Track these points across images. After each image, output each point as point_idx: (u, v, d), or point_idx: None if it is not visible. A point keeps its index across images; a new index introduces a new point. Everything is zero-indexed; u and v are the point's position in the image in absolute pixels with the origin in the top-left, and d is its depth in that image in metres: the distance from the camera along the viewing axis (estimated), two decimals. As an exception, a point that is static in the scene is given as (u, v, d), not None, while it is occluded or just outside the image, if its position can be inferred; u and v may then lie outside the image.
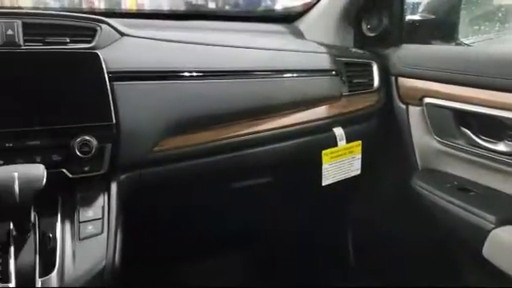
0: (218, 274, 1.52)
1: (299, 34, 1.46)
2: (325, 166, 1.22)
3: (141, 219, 1.06)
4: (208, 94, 1.06)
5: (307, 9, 1.51)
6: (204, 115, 1.05)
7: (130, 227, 0.96)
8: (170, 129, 1.01)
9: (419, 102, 1.24)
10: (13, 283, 0.78)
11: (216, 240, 1.49)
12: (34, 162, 0.86)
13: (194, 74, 1.06)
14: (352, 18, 1.44)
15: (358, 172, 1.29)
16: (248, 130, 1.12)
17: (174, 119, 1.01)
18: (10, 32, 0.91)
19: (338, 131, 1.24)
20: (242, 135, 1.11)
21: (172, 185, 1.12)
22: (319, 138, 1.23)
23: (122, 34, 1.04)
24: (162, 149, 1.01)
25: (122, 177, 0.98)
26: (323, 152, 1.21)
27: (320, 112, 1.22)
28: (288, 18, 1.54)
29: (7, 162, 0.84)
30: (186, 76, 1.05)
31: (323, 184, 1.23)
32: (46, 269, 0.81)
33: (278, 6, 2.00)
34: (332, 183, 1.25)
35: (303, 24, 1.49)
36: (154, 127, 0.99)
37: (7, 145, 0.85)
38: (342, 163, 1.25)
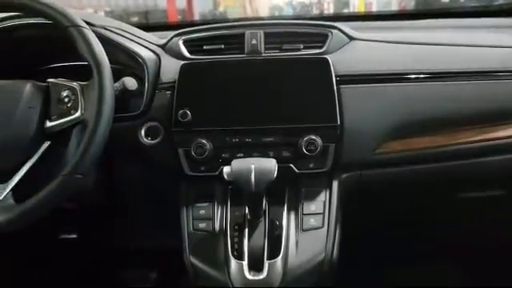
0: (426, 281, 1.43)
1: None
2: None
3: (357, 219, 1.08)
4: (436, 96, 1.01)
5: None
6: (430, 119, 1.00)
7: (346, 225, 0.99)
8: (393, 132, 1.00)
9: None
10: (245, 261, 0.90)
11: (428, 247, 1.41)
12: (268, 156, 0.95)
13: (422, 75, 1.02)
14: None
15: None
16: (480, 136, 1.02)
17: (398, 122, 0.99)
18: (253, 41, 1.03)
19: None
20: (472, 142, 1.02)
21: (391, 188, 1.11)
22: None
23: (351, 38, 1.06)
24: (383, 151, 1.01)
25: (343, 176, 1.01)
26: None
27: None
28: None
29: (246, 155, 0.96)
30: (412, 78, 1.01)
31: None
32: (272, 253, 0.90)
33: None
34: None
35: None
36: (377, 129, 0.99)
37: (247, 140, 0.97)
38: None
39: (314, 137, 0.95)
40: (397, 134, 1.00)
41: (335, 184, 0.99)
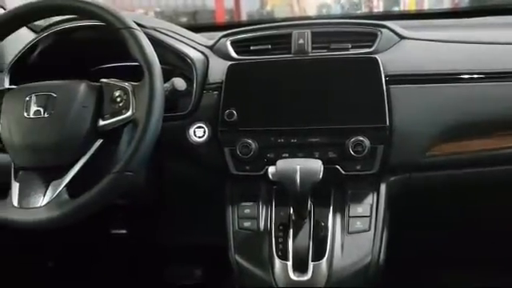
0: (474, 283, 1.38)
1: None
2: None
3: (404, 221, 1.05)
4: (490, 97, 0.97)
5: None
6: (485, 121, 0.97)
7: (394, 228, 0.97)
8: (444, 134, 0.96)
9: None
10: (290, 262, 0.89)
11: (479, 249, 1.35)
12: (313, 157, 0.95)
13: (475, 76, 0.98)
14: None
15: None
16: None
17: (450, 124, 0.96)
18: (301, 41, 1.03)
19: None
20: None
21: (441, 191, 1.07)
22: None
23: (401, 37, 1.04)
24: (434, 154, 0.98)
25: (392, 178, 0.99)
26: None
27: None
28: None
29: (291, 156, 0.96)
30: (465, 78, 0.98)
31: None
32: (317, 254, 0.89)
33: None
34: None
35: None
36: (428, 131, 0.96)
37: (292, 140, 0.97)
38: None
39: (361, 138, 0.93)
40: (448, 136, 0.97)
41: (383, 187, 0.97)
